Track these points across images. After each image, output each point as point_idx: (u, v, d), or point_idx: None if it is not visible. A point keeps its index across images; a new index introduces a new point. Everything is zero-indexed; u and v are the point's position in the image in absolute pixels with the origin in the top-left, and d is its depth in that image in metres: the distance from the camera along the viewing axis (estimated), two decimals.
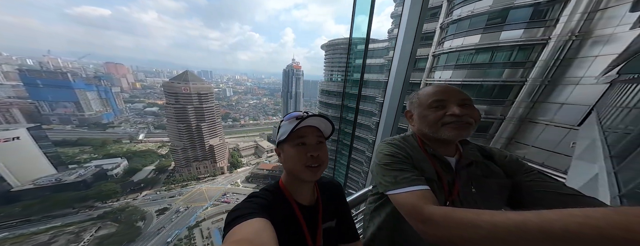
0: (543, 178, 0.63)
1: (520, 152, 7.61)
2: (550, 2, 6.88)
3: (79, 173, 44.26)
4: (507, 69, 8.27)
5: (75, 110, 77.62)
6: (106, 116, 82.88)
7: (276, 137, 0.62)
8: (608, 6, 5.65)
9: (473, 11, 8.68)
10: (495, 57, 8.49)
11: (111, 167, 47.60)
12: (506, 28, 7.97)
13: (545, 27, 7.10)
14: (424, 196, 0.54)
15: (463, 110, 0.62)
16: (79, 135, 66.08)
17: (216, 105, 60.14)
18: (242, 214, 0.45)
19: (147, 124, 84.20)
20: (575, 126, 5.99)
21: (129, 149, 59.90)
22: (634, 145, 2.00)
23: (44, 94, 73.52)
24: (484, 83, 8.88)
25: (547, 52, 7.11)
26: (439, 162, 0.68)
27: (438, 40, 10.64)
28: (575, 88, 6.36)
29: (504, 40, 8.10)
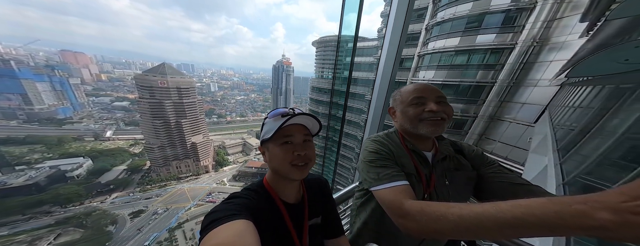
0: (501, 170, 0.71)
1: (489, 147, 8.51)
2: (518, 10, 7.62)
3: (28, 175, 38.75)
4: (480, 71, 9.07)
5: (22, 104, 66.75)
6: (63, 110, 72.68)
7: (260, 135, 0.61)
8: (563, 16, 6.46)
9: (454, 14, 9.26)
10: (471, 59, 9.24)
11: (71, 168, 42.23)
12: (482, 32, 8.70)
13: (514, 33, 7.89)
14: (404, 192, 0.58)
15: (439, 107, 0.67)
16: (28, 132, 57.28)
17: (199, 101, 56.17)
18: (221, 217, 0.43)
19: (116, 120, 75.64)
20: (532, 123, 6.87)
21: (94, 148, 53.58)
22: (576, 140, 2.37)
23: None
24: (461, 83, 9.64)
25: (513, 56, 7.94)
26: (417, 157, 0.73)
27: (423, 41, 11.17)
28: (533, 89, 7.26)
29: (479, 44, 8.84)
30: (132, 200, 39.68)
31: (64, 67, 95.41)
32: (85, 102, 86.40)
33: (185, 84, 53.11)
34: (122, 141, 60.38)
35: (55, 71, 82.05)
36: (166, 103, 49.56)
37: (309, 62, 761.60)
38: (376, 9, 40.13)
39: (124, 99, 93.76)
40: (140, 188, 43.22)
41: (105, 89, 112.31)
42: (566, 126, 3.37)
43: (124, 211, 36.27)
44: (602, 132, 2.00)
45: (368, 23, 64.35)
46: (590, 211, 0.26)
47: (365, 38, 18.86)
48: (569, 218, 0.27)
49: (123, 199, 39.57)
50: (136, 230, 33.32)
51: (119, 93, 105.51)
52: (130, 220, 34.96)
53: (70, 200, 37.28)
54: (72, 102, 78.80)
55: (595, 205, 0.26)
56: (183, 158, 51.16)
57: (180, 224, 34.96)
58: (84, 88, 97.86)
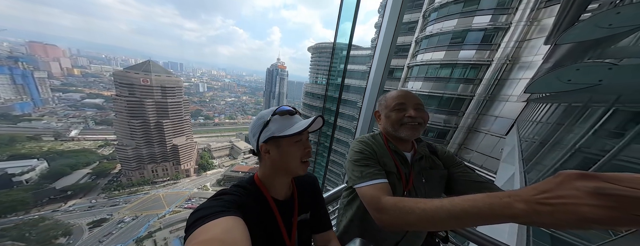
0: (466, 170, 0.81)
1: (467, 156, 9.09)
2: (496, 29, 8.56)
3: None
4: (461, 84, 9.87)
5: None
6: (20, 106, 64.85)
7: (261, 132, 0.59)
8: (531, 37, 7.37)
9: (441, 29, 10.08)
10: (454, 72, 10.03)
11: (20, 171, 36.85)
12: (464, 47, 9.53)
13: (491, 50, 8.75)
14: (382, 189, 0.63)
15: (417, 113, 0.76)
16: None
17: (185, 101, 53.22)
18: (209, 213, 0.42)
19: (86, 118, 68.17)
20: (503, 135, 7.53)
21: (53, 148, 47.43)
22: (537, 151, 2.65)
23: None
24: (444, 95, 10.35)
25: (489, 72, 8.79)
26: (398, 157, 0.80)
27: (413, 52, 11.95)
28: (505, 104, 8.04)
29: (461, 59, 9.67)
30: (94, 207, 35.05)
31: (30, 59, 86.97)
32: (49, 97, 77.56)
33: (171, 83, 50.46)
34: (90, 141, 54.38)
35: (18, 63, 74.09)
36: (147, 102, 46.17)
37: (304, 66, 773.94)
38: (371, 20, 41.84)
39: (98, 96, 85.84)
40: (106, 194, 38.51)
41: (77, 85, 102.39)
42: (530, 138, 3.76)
43: (81, 221, 31.71)
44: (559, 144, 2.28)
45: (363, 31, 66.93)
46: (511, 203, 0.31)
47: (360, 47, 19.71)
48: (498, 208, 0.33)
49: (82, 206, 34.75)
50: (97, 241, 29.11)
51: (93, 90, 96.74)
52: (89, 231, 30.53)
53: (14, 208, 31.87)
54: (34, 97, 70.63)
55: (516, 198, 0.31)
56: (160, 161, 47.07)
57: (150, 233, 31.33)
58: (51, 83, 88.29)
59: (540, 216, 0.28)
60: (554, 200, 0.28)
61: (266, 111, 0.61)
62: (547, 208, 0.28)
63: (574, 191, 0.26)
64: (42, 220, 30.87)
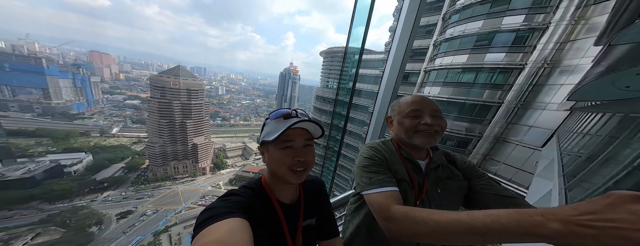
0: (491, 182, 0.75)
1: (493, 168, 8.12)
2: (530, 30, 7.70)
3: (27, 168, 38.64)
4: (487, 90, 9.00)
5: (41, 98, 70.15)
6: (77, 106, 75.47)
7: (260, 135, 0.59)
8: (577, 38, 6.46)
9: (464, 31, 9.39)
10: (478, 77, 9.21)
11: (70, 163, 42.29)
12: (491, 50, 8.69)
13: (524, 53, 7.82)
14: (392, 197, 0.60)
15: (434, 120, 0.71)
16: (39, 125, 58.86)
17: (206, 103, 57.73)
18: (216, 214, 0.43)
19: (125, 117, 77.64)
20: (539, 147, 6.59)
21: (98, 144, 54.14)
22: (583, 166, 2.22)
23: (8, 78, 66.66)
24: (466, 101, 9.55)
25: (522, 77, 7.89)
26: (411, 165, 0.76)
27: (430, 56, 11.37)
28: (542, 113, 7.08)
29: (488, 62, 8.79)
30: (124, 199, 38.61)
31: (89, 66, 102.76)
32: (100, 99, 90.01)
33: (195, 86, 55.15)
34: (126, 138, 61.00)
35: (80, 69, 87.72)
36: (175, 104, 50.99)
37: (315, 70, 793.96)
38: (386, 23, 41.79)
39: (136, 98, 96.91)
40: (134, 187, 42.34)
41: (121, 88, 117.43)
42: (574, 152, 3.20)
43: (112, 211, 35.06)
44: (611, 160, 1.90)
45: (376, 35, 67.20)
46: (544, 222, 0.29)
47: (373, 51, 19.52)
48: (527, 226, 0.30)
49: (114, 198, 38.57)
50: (121, 232, 31.80)
51: (133, 92, 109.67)
52: (116, 221, 33.56)
53: (62, 196, 36.50)
54: (88, 99, 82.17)
55: (550, 217, 0.29)
56: (182, 159, 50.84)
57: (167, 227, 33.28)
58: (102, 86, 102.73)
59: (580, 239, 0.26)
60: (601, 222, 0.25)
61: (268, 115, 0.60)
62: (590, 231, 0.25)
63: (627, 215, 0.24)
64: (81, 208, 34.82)
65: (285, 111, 0.58)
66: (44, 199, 35.46)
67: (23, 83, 67.68)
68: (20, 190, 35.14)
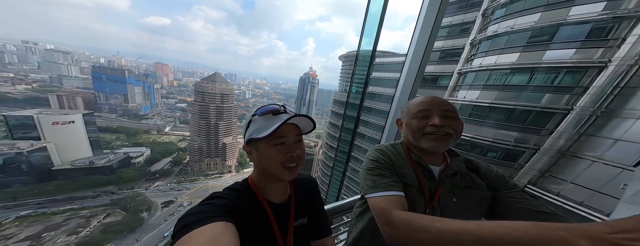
0: (523, 196, 0.67)
1: (555, 187, 6.45)
2: (616, 19, 6.00)
3: (108, 158, 48.33)
4: (548, 94, 7.35)
5: (122, 102, 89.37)
6: (144, 108, 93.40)
7: (245, 133, 0.57)
8: None
9: (513, 27, 8.02)
10: (534, 78, 7.65)
11: (136, 155, 51.33)
12: (553, 47, 7.13)
13: (606, 47, 6.14)
14: (395, 202, 0.58)
15: (444, 121, 0.65)
16: (120, 124, 74.30)
17: (235, 106, 64.11)
18: (196, 220, 0.40)
19: (175, 118, 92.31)
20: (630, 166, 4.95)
21: (155, 140, 65.01)
22: None
23: (104, 86, 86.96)
24: (516, 107, 8.00)
25: (603, 78, 6.14)
26: (422, 169, 0.71)
27: (466, 57, 10.11)
28: (635, 123, 5.33)
29: (549, 60, 7.24)
30: (168, 190, 44.94)
31: (153, 75, 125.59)
32: (159, 102, 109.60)
33: (227, 91, 61.91)
34: (174, 136, 71.54)
35: (148, 78, 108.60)
36: (211, 107, 58.01)
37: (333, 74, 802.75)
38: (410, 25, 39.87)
39: (184, 101, 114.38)
40: (177, 180, 49.05)
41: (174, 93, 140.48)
42: None
43: (158, 200, 40.93)
44: None
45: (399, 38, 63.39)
46: (569, 238, 0.26)
47: (396, 53, 18.58)
48: (547, 242, 0.27)
49: (161, 188, 45.20)
50: (163, 220, 36.70)
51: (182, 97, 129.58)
52: (161, 209, 38.92)
53: (126, 183, 44.41)
54: (151, 102, 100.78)
55: (577, 233, 0.26)
56: (213, 156, 56.89)
57: None
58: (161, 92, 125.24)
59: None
60: None
61: (253, 111, 0.58)
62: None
63: None
64: (138, 195, 41.59)
65: (273, 107, 0.56)
66: (116, 185, 43.83)
67: (112, 90, 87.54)
68: (102, 176, 44.28)
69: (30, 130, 43.81)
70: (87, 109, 66.73)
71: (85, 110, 59.84)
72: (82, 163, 45.31)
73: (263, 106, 0.57)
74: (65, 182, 41.65)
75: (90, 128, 52.65)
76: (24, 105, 64.67)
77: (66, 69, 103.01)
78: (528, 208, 0.62)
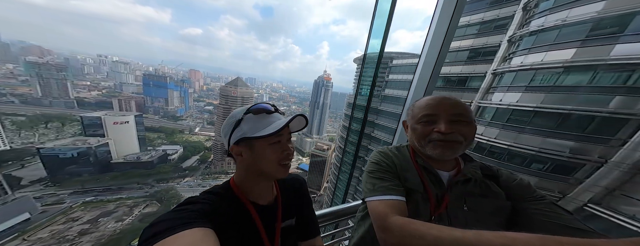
0: (553, 209, 0.60)
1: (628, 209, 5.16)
2: None
3: (151, 154, 55.12)
4: (618, 96, 6.05)
5: (164, 105, 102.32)
6: (180, 111, 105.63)
7: (231, 132, 0.54)
8: None
9: (565, 19, 6.93)
10: (597, 79, 6.42)
11: (172, 152, 57.61)
12: (623, 40, 5.94)
13: None
14: (393, 206, 0.57)
15: (452, 127, 0.60)
16: (161, 124, 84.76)
17: None
18: (168, 227, 0.37)
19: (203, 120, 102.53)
20: None
21: (186, 139, 72.66)
22: None
23: (150, 91, 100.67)
24: (573, 112, 6.77)
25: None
26: (428, 174, 0.67)
27: (503, 55, 9.05)
28: None
29: (618, 57, 6.00)
30: (194, 185, 49.22)
31: (188, 80, 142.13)
32: (191, 105, 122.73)
33: (247, 94, 66.98)
34: (203, 136, 78.65)
35: (183, 83, 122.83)
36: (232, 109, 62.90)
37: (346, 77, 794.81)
38: None
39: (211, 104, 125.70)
40: (202, 177, 53.56)
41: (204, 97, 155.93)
42: None
43: (186, 194, 44.90)
44: None
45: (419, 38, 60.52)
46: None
47: (416, 54, 17.68)
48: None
49: (189, 184, 49.79)
50: None
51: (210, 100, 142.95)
52: None
53: (163, 178, 50.12)
54: (186, 105, 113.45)
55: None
56: None
57: None
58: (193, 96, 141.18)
59: None
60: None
61: (239, 109, 0.56)
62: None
63: None
64: (172, 189, 46.51)
65: (267, 106, 0.56)
66: (155, 179, 49.75)
67: (157, 94, 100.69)
68: (145, 170, 50.71)
69: (98, 128, 52.75)
70: (138, 111, 77.14)
71: (137, 112, 69.14)
72: (131, 158, 52.55)
73: (253, 104, 0.55)
74: (118, 173, 48.77)
75: (139, 127, 60.38)
76: (95, 108, 78.39)
77: (126, 77, 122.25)
78: (558, 223, 0.54)
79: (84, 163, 46.84)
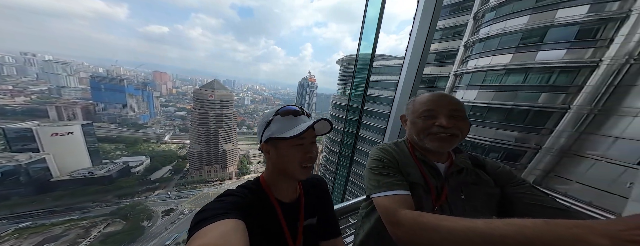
0: (533, 191, 0.65)
1: (561, 188, 6.36)
2: (602, 21, 6.23)
3: (108, 168, 47.83)
4: (544, 93, 7.41)
5: (121, 111, 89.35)
6: (143, 117, 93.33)
7: (263, 131, 0.57)
8: None
9: (504, 29, 8.26)
10: (529, 79, 7.76)
11: (135, 164, 50.85)
12: (544, 48, 7.33)
13: (596, 48, 6.34)
14: (401, 201, 0.57)
15: (451, 122, 0.64)
16: (119, 133, 74.08)
17: (234, 112, 64.16)
18: (210, 215, 0.42)
19: (174, 126, 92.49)
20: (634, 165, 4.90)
21: (154, 148, 64.76)
22: None
23: (102, 96, 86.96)
24: (514, 107, 8.04)
25: (597, 77, 6.25)
26: (427, 167, 0.69)
27: (461, 58, 10.29)
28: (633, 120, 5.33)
29: (541, 61, 7.41)
30: (168, 198, 44.28)
31: (152, 84, 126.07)
32: (158, 111, 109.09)
33: (226, 97, 62.04)
34: (174, 144, 71.23)
35: (147, 87, 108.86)
36: (210, 114, 58.11)
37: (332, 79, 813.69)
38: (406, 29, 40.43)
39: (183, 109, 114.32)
40: (177, 188, 48.47)
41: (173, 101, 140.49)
42: None
43: (159, 208, 40.31)
44: None
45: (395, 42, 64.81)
46: (587, 236, 0.25)
47: (392, 56, 18.89)
48: (564, 241, 0.26)
49: (162, 196, 44.55)
50: (164, 228, 36.08)
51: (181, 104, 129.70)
52: (161, 218, 38.29)
53: (126, 193, 43.94)
54: (150, 111, 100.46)
55: (593, 230, 0.25)
56: (213, 164, 56.43)
57: None
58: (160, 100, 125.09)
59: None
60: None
61: (271, 110, 0.59)
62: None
63: None
64: (139, 204, 40.98)
65: (294, 108, 0.58)
66: (116, 194, 43.20)
67: (111, 100, 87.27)
68: (101, 186, 43.70)
69: (28, 142, 43.45)
70: (86, 120, 66.20)
71: (84, 121, 59.54)
72: (81, 174, 44.84)
73: (283, 106, 0.59)
74: (64, 192, 41.04)
75: (90, 138, 52.12)
76: (23, 117, 64.62)
77: (65, 80, 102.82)
78: (539, 205, 0.59)
79: (11, 184, 38.46)
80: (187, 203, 42.89)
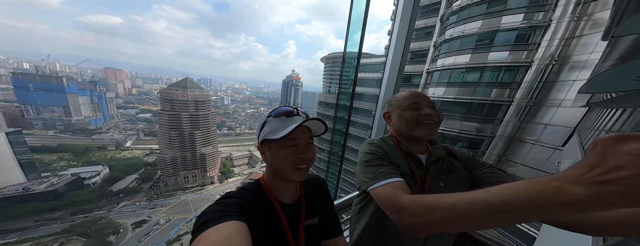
0: (493, 170, 0.74)
1: (511, 170, 7.69)
2: (531, 28, 7.56)
3: (51, 182, 40.46)
4: (495, 89, 8.73)
5: (62, 115, 74.57)
6: (94, 121, 79.70)
7: (259, 133, 0.58)
8: (582, 34, 6.29)
9: (464, 32, 9.35)
10: (483, 76, 8.98)
11: (90, 175, 44.04)
12: (493, 49, 8.58)
13: (528, 51, 7.66)
14: (399, 187, 0.59)
15: (433, 111, 0.74)
16: (61, 141, 62.32)
17: (212, 113, 59.34)
18: (212, 218, 0.42)
19: (138, 131, 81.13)
20: (559, 146, 6.20)
21: (113, 156, 56.58)
22: None
23: (32, 98, 71.12)
24: (474, 101, 9.28)
25: (530, 74, 7.64)
26: (411, 159, 0.76)
27: (432, 57, 11.29)
28: (557, 110, 6.73)
29: (492, 61, 8.61)
30: (138, 209, 39.59)
31: (104, 82, 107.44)
32: (115, 113, 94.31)
33: (202, 97, 56.80)
34: (139, 150, 63.34)
35: (96, 86, 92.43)
36: (183, 115, 52.74)
37: (317, 77, 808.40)
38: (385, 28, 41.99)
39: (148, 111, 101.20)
40: (147, 197, 43.50)
41: (134, 102, 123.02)
42: None
43: (127, 221, 35.95)
44: None
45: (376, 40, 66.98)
46: (564, 187, 0.26)
47: (373, 54, 19.64)
48: (549, 195, 0.27)
49: (129, 208, 39.65)
50: (137, 241, 32.51)
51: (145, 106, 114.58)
52: (132, 231, 34.32)
53: (82, 207, 38.04)
54: (104, 114, 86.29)
55: (566, 180, 0.26)
56: (191, 169, 51.91)
57: (179, 236, 33.65)
58: (116, 102, 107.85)
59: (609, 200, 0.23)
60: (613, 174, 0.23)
61: (267, 112, 0.60)
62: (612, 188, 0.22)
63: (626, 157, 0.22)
64: (100, 218, 35.94)
65: (286, 109, 0.58)
66: (67, 210, 37.05)
67: (46, 102, 71.56)
68: (45, 202, 36.82)
69: None
70: (12, 126, 54.54)
71: (10, 128, 49.14)
72: (13, 191, 37.34)
73: (277, 108, 0.59)
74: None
75: (19, 148, 43.51)
76: None
77: None
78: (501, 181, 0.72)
79: None
80: (163, 213, 39.05)
